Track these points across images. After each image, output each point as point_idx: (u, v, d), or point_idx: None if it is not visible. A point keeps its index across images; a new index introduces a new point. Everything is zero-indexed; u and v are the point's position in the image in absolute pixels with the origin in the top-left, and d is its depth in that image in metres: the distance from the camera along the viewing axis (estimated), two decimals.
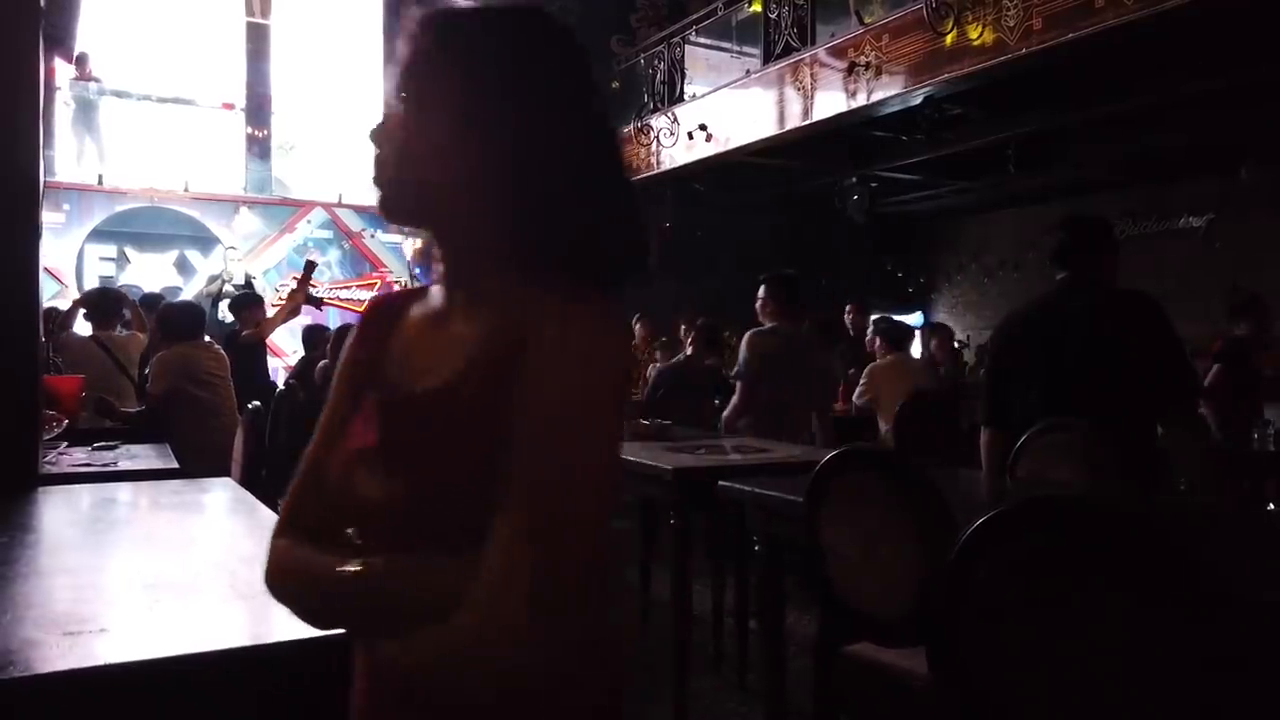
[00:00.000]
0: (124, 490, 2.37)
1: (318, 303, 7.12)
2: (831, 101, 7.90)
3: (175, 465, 2.82)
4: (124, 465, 2.85)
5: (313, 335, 6.34)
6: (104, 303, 4.98)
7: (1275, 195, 8.52)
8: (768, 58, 8.67)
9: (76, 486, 2.39)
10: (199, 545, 1.76)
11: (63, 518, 1.96)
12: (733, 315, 9.88)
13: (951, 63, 6.72)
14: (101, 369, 4.46)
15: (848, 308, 7.15)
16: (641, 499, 3.87)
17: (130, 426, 3.99)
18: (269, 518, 1.92)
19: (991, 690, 1.35)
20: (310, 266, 6.36)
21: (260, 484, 3.33)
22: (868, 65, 7.44)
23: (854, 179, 9.95)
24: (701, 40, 10.40)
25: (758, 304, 4.40)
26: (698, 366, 5.71)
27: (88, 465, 2.81)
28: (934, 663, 1.49)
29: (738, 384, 4.14)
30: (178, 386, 4.09)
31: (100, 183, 9.05)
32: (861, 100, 7.56)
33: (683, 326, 7.72)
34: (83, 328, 5.02)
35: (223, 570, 1.53)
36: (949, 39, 6.69)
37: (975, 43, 6.48)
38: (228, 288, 8.80)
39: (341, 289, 10.11)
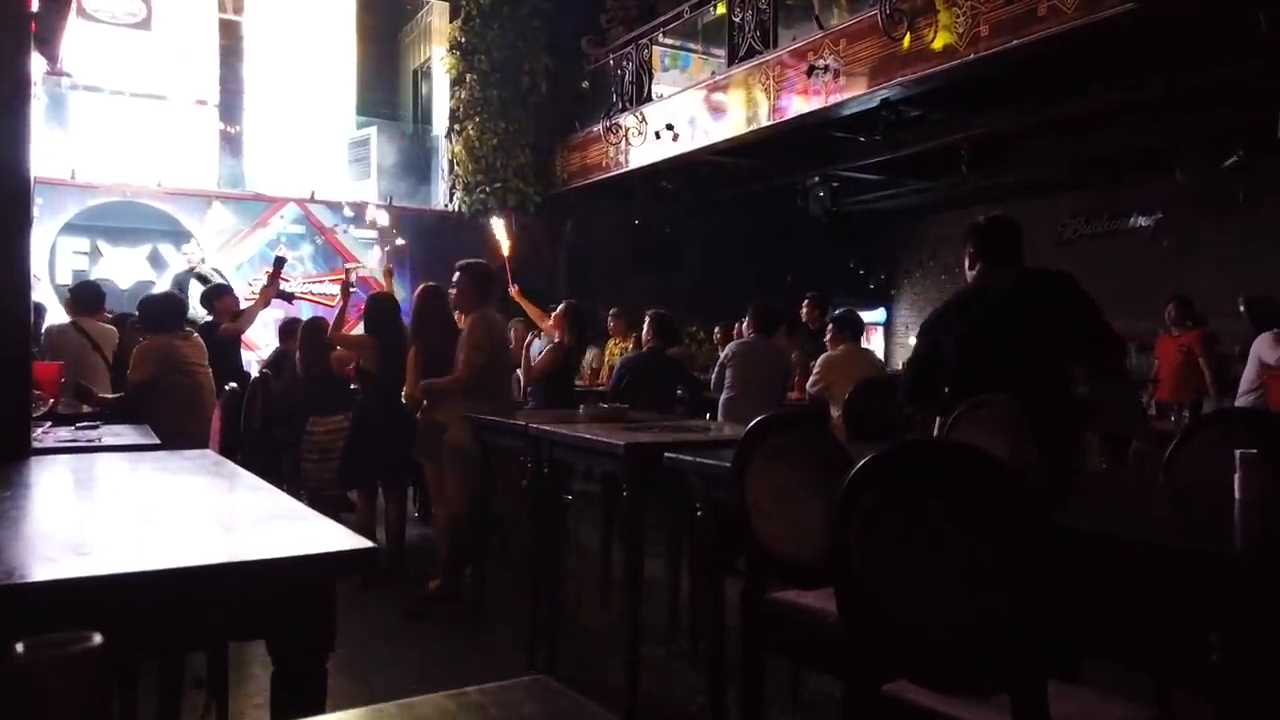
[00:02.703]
0: (112, 458, 2.56)
1: (288, 297, 7.26)
2: (793, 103, 8.16)
3: (157, 441, 3.00)
4: (108, 441, 3.03)
5: (289, 328, 6.51)
6: (85, 294, 5.14)
7: (1218, 195, 8.90)
8: (732, 60, 8.92)
9: (67, 456, 2.58)
10: (185, 495, 1.96)
11: (59, 478, 2.15)
12: (701, 309, 10.17)
13: (906, 66, 7.01)
14: (79, 354, 4.61)
15: (804, 302, 7.41)
16: (602, 478, 4.09)
17: (108, 412, 4.15)
18: (249, 478, 2.12)
19: (873, 607, 1.59)
20: (280, 262, 6.51)
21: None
22: (827, 68, 7.71)
23: (817, 178, 10.24)
24: (669, 42, 10.64)
25: (454, 292, 4.86)
26: (660, 357, 5.94)
27: (74, 441, 2.99)
28: (836, 594, 1.72)
29: (470, 363, 4.53)
30: (159, 375, 4.25)
31: (73, 177, 9.13)
32: (822, 102, 7.83)
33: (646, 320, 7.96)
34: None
35: (207, 512, 1.74)
36: (904, 43, 6.97)
37: (927, 48, 6.77)
38: (201, 269, 8.97)
39: (314, 283, 10.25)
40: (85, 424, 3.42)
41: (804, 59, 7.95)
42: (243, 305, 6.37)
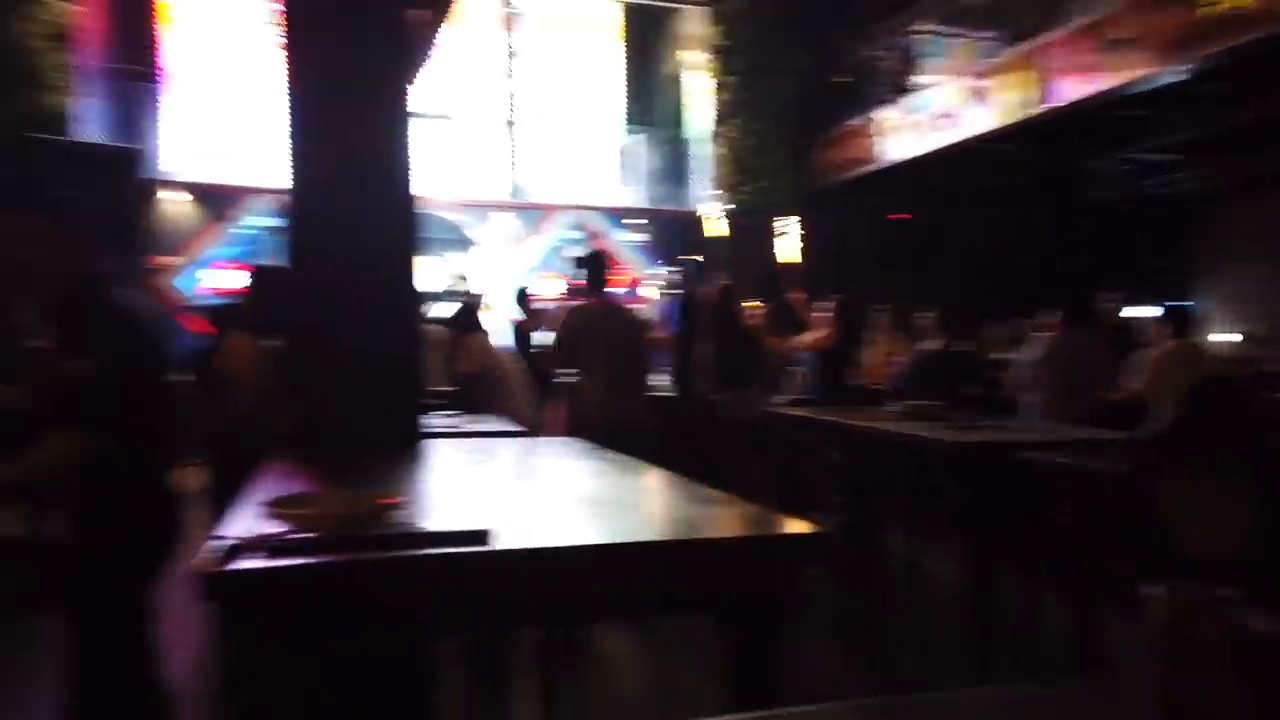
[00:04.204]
0: (495, 442, 2.80)
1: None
2: (1075, 83, 7.60)
3: (520, 428, 3.26)
4: (470, 427, 3.33)
5: None
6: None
7: None
8: (1006, 43, 8.46)
9: (452, 440, 2.85)
10: (574, 477, 2.09)
11: (461, 458, 2.38)
12: (969, 305, 9.67)
13: (1212, 36, 6.31)
14: None
15: (1100, 295, 6.83)
16: (914, 472, 3.95)
17: (446, 402, 4.55)
18: (638, 464, 2.23)
19: None
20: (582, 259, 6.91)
21: None
22: (1118, 42, 7.12)
23: (1104, 162, 9.47)
24: (933, 28, 10.25)
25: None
26: (947, 353, 5.72)
27: (446, 428, 3.30)
28: None
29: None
30: (485, 364, 4.65)
31: None
32: (1110, 80, 7.24)
33: (914, 316, 7.70)
34: None
35: (621, 494, 1.85)
36: (1215, 7, 6.28)
37: (1239, 12, 6.05)
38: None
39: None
40: (447, 412, 3.77)
41: (1089, 35, 7.38)
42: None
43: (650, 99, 12.70)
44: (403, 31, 3.01)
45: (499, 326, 7.03)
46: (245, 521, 1.39)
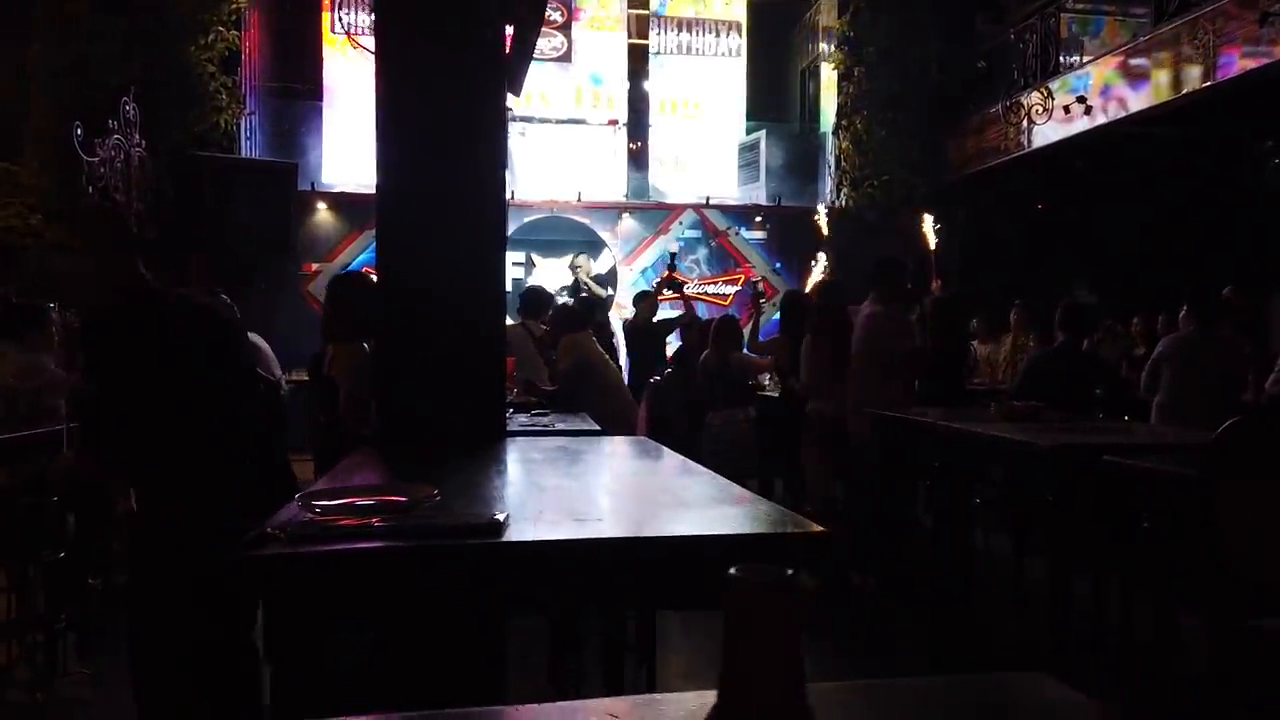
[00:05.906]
0: (567, 441, 2.93)
1: (678, 286, 7.53)
2: (1238, 59, 7.04)
3: (597, 427, 3.39)
4: (559, 426, 3.48)
5: (691, 325, 6.97)
6: (535, 298, 5.94)
7: None
8: (1159, 17, 7.91)
9: (531, 438, 3.00)
10: (638, 475, 2.19)
11: (537, 455, 2.51)
12: (1117, 299, 9.11)
13: None
14: (527, 352, 5.33)
15: (1227, 288, 6.27)
16: (1012, 478, 3.85)
17: (550, 401, 4.73)
18: (695, 465, 2.29)
19: None
20: (671, 256, 6.98)
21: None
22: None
23: (1271, 144, 8.72)
24: (1079, 7, 9.71)
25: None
26: (1073, 353, 5.44)
27: (533, 426, 3.47)
28: None
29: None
30: (581, 363, 4.78)
31: (512, 198, 10.54)
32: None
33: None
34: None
35: (666, 492, 1.92)
36: None
37: None
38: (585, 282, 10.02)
39: (709, 284, 10.84)
40: (538, 411, 3.94)
41: (1255, 5, 6.82)
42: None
43: (776, 95, 12.61)
44: (494, 36, 3.15)
45: (618, 325, 7.24)
46: (287, 513, 1.54)
